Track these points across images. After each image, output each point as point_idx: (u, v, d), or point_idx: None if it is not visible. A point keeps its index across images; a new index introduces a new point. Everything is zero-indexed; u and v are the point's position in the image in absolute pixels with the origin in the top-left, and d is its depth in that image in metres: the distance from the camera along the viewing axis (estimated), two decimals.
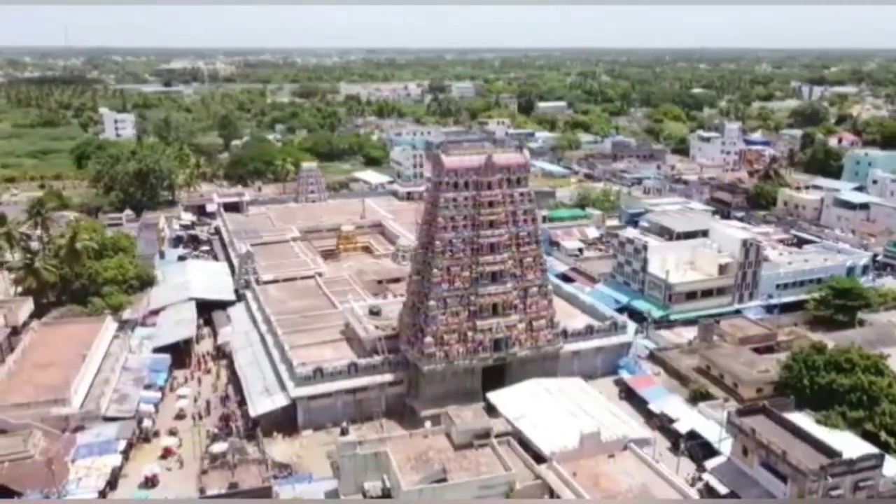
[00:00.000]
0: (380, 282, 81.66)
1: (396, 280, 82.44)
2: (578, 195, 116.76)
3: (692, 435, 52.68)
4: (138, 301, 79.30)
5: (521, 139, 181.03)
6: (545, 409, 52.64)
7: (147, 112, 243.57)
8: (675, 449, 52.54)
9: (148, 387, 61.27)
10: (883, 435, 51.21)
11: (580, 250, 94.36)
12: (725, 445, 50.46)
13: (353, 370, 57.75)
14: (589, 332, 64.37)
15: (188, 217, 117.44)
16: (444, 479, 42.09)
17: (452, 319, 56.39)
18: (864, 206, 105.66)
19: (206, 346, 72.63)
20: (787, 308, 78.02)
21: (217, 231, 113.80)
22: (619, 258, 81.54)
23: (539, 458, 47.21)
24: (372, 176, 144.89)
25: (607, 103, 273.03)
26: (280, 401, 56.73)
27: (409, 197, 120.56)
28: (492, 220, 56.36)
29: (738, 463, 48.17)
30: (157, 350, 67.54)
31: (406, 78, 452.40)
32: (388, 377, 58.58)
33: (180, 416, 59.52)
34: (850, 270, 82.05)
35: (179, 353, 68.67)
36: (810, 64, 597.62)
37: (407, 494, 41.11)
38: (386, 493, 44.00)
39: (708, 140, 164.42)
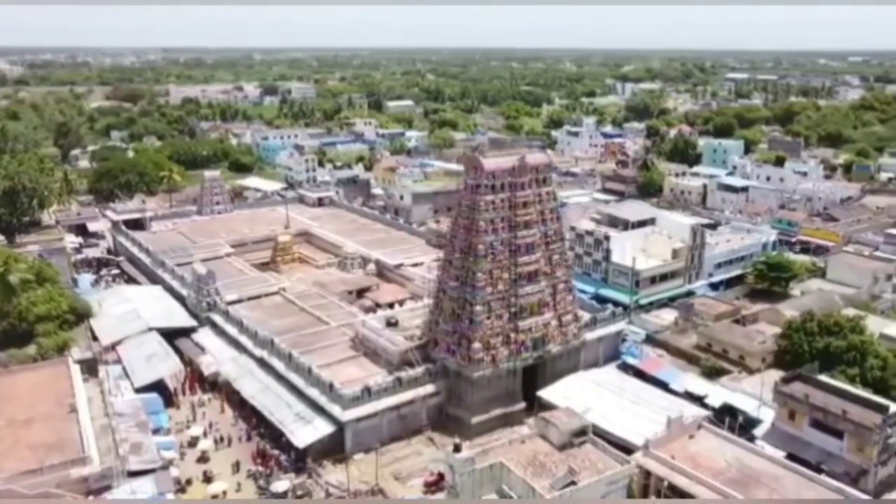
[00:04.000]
0: (350, 292, 78.56)
1: (367, 289, 79.96)
2: None
3: (726, 408, 56.92)
4: (81, 337, 69.52)
5: (400, 139, 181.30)
6: (605, 400, 54.27)
7: None
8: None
9: (155, 431, 54.40)
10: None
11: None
12: (762, 413, 55.37)
13: (397, 385, 55.45)
14: (593, 322, 66.81)
15: (72, 239, 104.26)
16: (574, 483, 42.12)
17: (497, 322, 56.15)
18: (745, 189, 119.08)
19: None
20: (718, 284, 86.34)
21: (111, 251, 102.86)
22: (577, 250, 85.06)
23: (619, 447, 48.63)
24: (263, 183, 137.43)
25: (451, 101, 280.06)
26: (325, 427, 53.13)
27: (320, 203, 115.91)
28: (526, 220, 56.81)
29: (784, 427, 52.87)
30: (139, 390, 60.10)
31: (227, 79, 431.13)
32: (429, 388, 56.95)
33: (203, 458, 53.55)
34: (765, 247, 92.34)
35: (160, 390, 61.62)
36: (604, 62, 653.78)
37: (548, 502, 40.67)
38: None
39: (576, 134, 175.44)
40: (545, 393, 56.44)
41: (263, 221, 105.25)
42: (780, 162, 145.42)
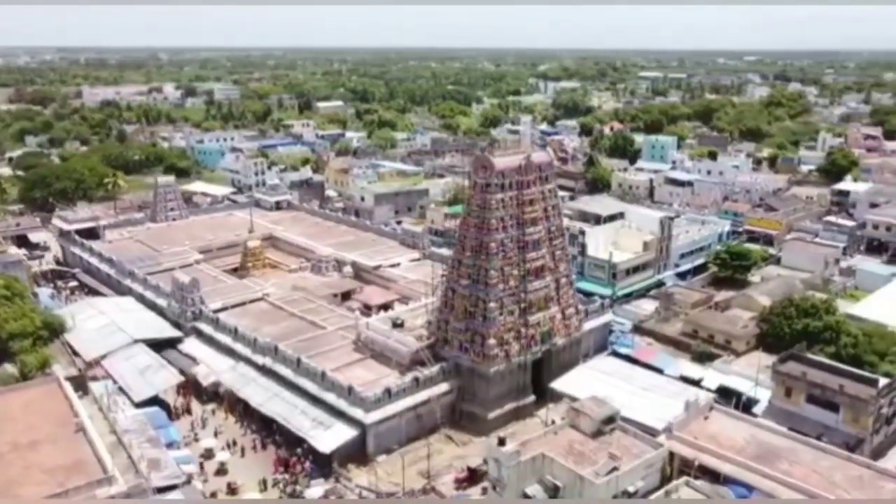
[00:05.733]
0: (335, 295, 78.00)
1: (351, 292, 79.53)
2: (452, 191, 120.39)
3: (722, 390, 60.13)
4: (58, 354, 66.10)
5: (342, 140, 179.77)
6: (618, 388, 56.08)
7: None
8: None
9: (168, 445, 52.62)
10: None
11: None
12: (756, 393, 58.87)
13: (414, 385, 55.77)
14: (585, 314, 68.90)
15: (14, 251, 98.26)
16: (617, 468, 43.73)
17: (509, 318, 57.33)
18: (690, 183, 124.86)
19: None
20: (684, 274, 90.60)
21: (60, 262, 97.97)
22: None
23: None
24: (211, 188, 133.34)
25: (381, 102, 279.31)
26: (348, 431, 52.91)
27: (277, 207, 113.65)
28: (533, 217, 58.23)
29: (782, 405, 56.36)
30: (139, 404, 57.91)
31: (138, 80, 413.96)
32: (444, 387, 57.52)
33: (222, 471, 52.28)
34: (720, 237, 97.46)
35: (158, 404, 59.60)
36: (518, 61, 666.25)
37: (597, 488, 42.13)
38: (551, 495, 44.22)
39: (516, 133, 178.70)
40: (557, 384, 58.06)
41: (223, 227, 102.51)
42: (712, 156, 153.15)
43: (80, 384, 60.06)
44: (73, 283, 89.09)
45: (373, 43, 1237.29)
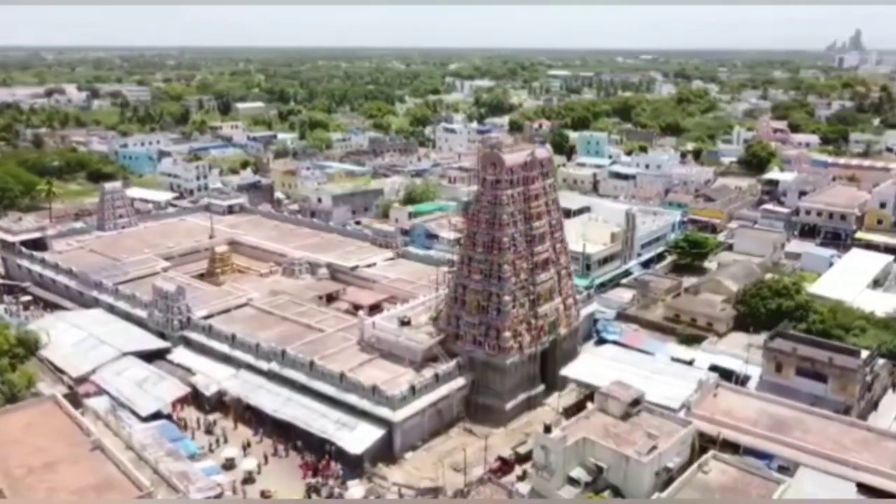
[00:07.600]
0: (320, 297, 77.07)
1: (334, 294, 78.80)
2: (405, 189, 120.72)
3: (713, 369, 63.76)
4: (40, 371, 62.35)
5: (279, 142, 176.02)
6: (626, 372, 58.48)
7: None
8: None
9: (191, 457, 50.94)
10: None
11: (459, 239, 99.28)
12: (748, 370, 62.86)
13: (435, 381, 56.29)
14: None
15: None
16: (656, 447, 45.96)
17: (520, 311, 58.74)
18: (633, 177, 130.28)
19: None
20: (647, 262, 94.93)
21: (2, 276, 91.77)
22: None
23: None
24: (150, 194, 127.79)
25: (305, 103, 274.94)
26: (375, 430, 52.87)
27: (230, 211, 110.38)
28: (538, 211, 59.90)
29: (773, 379, 60.42)
30: (145, 418, 55.70)
31: (29, 81, 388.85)
32: (461, 381, 58.30)
33: (249, 479, 51.09)
34: (673, 227, 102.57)
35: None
36: (425, 60, 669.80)
37: (643, 466, 44.22)
38: (594, 476, 45.95)
39: (453, 131, 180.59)
40: (569, 372, 59.94)
41: (179, 233, 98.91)
42: (643, 150, 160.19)
43: (73, 402, 57.21)
44: (26, 298, 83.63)
45: (276, 42, 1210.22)
